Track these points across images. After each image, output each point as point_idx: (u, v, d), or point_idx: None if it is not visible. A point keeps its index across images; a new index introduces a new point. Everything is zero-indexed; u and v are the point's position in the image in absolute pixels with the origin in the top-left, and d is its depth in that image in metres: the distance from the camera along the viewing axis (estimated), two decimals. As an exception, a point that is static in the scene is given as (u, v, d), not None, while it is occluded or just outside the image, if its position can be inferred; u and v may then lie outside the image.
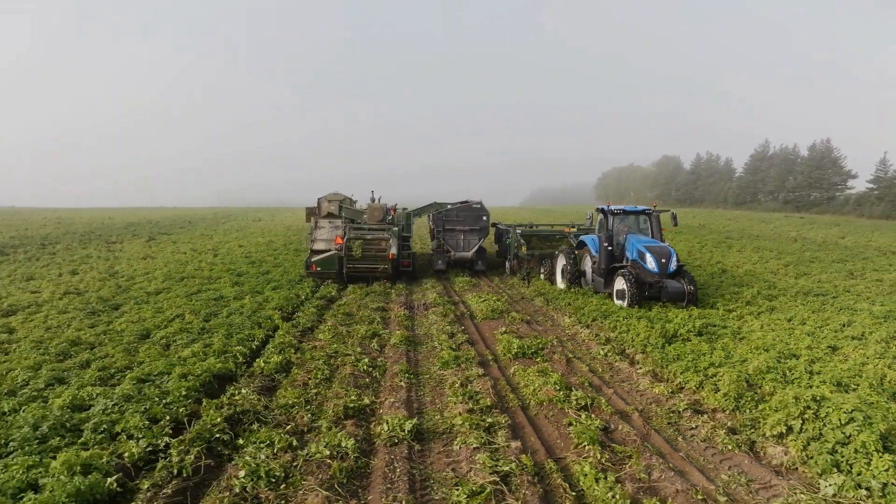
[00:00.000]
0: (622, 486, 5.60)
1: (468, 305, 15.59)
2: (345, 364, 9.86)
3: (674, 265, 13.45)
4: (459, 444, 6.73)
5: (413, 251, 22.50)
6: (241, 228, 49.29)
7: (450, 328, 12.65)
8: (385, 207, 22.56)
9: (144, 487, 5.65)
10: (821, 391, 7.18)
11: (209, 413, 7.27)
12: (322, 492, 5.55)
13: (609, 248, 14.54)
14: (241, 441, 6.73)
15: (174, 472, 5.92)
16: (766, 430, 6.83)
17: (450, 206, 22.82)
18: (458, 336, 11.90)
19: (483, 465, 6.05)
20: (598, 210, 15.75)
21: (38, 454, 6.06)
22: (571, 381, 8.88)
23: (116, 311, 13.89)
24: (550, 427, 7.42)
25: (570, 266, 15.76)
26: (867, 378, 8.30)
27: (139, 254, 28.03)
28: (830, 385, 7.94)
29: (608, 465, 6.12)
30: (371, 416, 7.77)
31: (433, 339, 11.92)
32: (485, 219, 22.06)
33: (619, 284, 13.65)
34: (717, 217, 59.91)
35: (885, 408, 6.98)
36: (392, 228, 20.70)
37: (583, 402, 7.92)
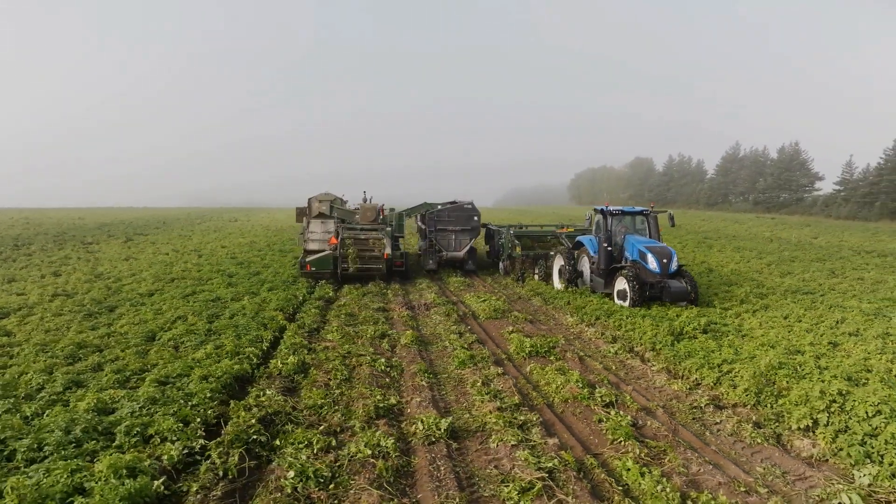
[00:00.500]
0: (669, 480, 5.73)
1: (468, 305, 15.67)
2: (361, 364, 9.85)
3: (675, 265, 13.74)
4: (496, 442, 6.81)
5: (406, 251, 22.54)
6: (219, 229, 48.62)
7: (456, 328, 12.72)
8: (377, 207, 22.63)
9: (193, 489, 5.60)
10: (843, 385, 7.44)
11: (240, 414, 7.22)
12: (373, 490, 5.57)
13: (608, 249, 14.77)
14: (278, 442, 6.69)
15: (220, 475, 5.87)
16: (793, 424, 7.06)
17: (440, 207, 22.94)
18: (467, 336, 11.97)
19: (526, 462, 6.13)
20: (596, 211, 15.97)
21: (76, 458, 5.95)
22: (590, 379, 9.02)
23: (112, 314, 13.61)
24: (581, 424, 7.55)
25: (569, 266, 15.96)
26: (876, 373, 8.61)
27: (119, 255, 27.47)
28: (841, 380, 8.22)
29: (647, 460, 6.27)
30: (400, 416, 7.80)
31: (442, 339, 11.98)
32: (476, 219, 22.24)
33: (621, 284, 13.88)
34: (692, 217, 61.17)
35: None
36: (385, 228, 20.77)
37: (607, 399, 8.07)
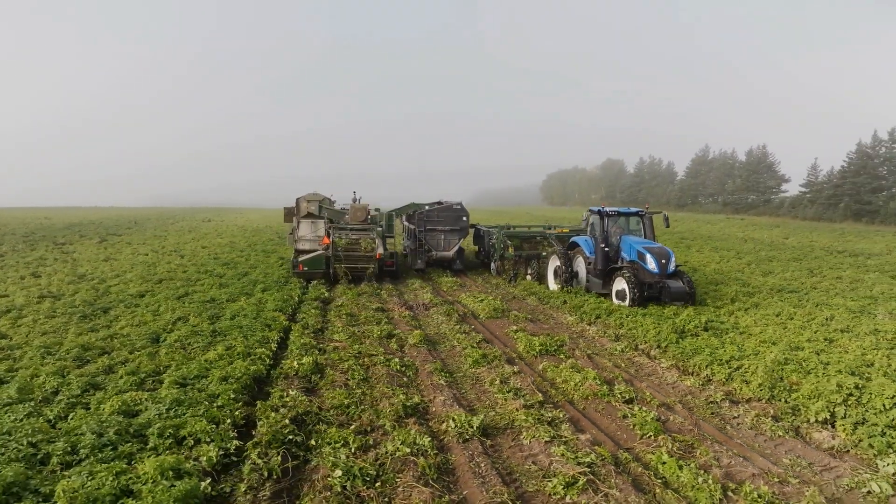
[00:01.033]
0: (707, 472, 5.93)
1: (466, 305, 15.77)
2: (375, 364, 9.88)
3: (673, 266, 14.06)
4: (528, 438, 6.92)
5: (396, 251, 22.58)
6: (193, 229, 47.90)
7: (460, 327, 12.81)
8: (367, 208, 22.66)
9: (241, 490, 5.60)
10: (850, 380, 7.76)
11: (269, 415, 7.18)
12: (423, 488, 5.63)
13: (606, 250, 15.04)
14: (313, 442, 6.70)
15: (265, 475, 5.86)
16: (811, 417, 7.35)
17: (427, 207, 23.11)
18: (473, 335, 12.07)
19: (564, 457, 6.26)
20: (592, 212, 16.23)
21: (113, 460, 5.87)
22: (605, 377, 9.21)
23: (107, 315, 13.34)
24: (605, 420, 7.71)
25: (565, 267, 16.18)
26: (880, 367, 8.98)
27: (97, 255, 26.90)
28: (846, 374, 8.56)
29: (680, 454, 6.46)
30: (425, 415, 7.86)
31: (449, 339, 12.06)
32: (465, 219, 22.46)
33: (620, 285, 14.15)
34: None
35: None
36: (377, 229, 20.80)
37: (627, 396, 8.28)
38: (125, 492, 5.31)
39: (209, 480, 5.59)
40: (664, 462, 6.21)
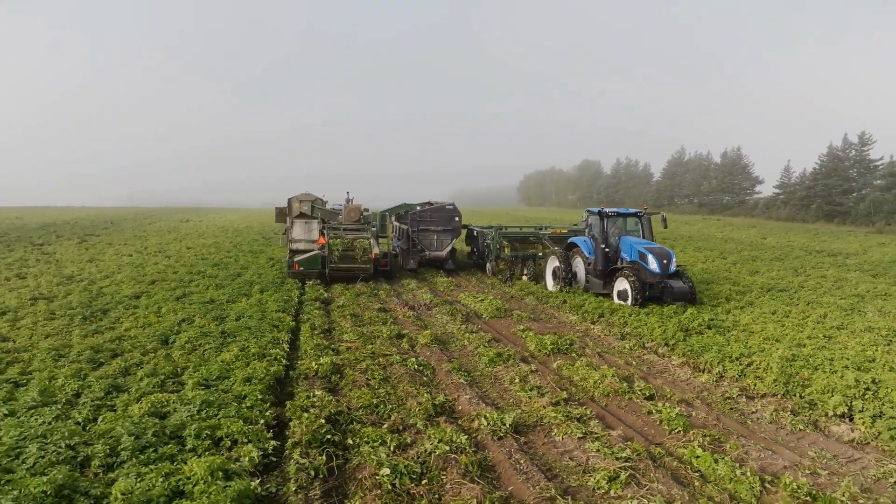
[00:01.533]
0: (743, 465, 6.13)
1: (467, 305, 15.87)
2: (392, 364, 9.93)
3: (674, 266, 14.36)
4: (560, 435, 7.06)
5: (389, 251, 22.63)
6: (173, 229, 47.10)
7: (466, 327, 12.91)
8: (361, 208, 22.70)
9: (291, 489, 5.62)
10: (856, 375, 8.07)
11: (301, 415, 7.21)
12: (470, 484, 5.72)
13: (606, 250, 15.28)
14: (350, 441, 6.74)
15: (311, 474, 5.89)
16: (829, 410, 7.62)
17: (419, 207, 23.22)
18: (481, 335, 12.18)
19: (600, 453, 6.41)
20: (591, 212, 16.46)
21: (155, 462, 5.84)
22: (622, 374, 9.39)
23: (108, 317, 13.14)
24: (631, 416, 7.89)
25: (564, 267, 16.38)
26: (880, 363, 9.34)
27: (80, 256, 26.31)
28: (853, 369, 8.89)
29: (711, 448, 6.66)
30: (453, 413, 7.94)
31: (458, 339, 12.15)
32: (457, 219, 22.62)
33: (622, 285, 14.39)
34: (644, 219, 63.26)
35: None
36: (371, 229, 20.84)
37: (647, 393, 8.47)
38: (176, 493, 5.30)
39: (258, 480, 5.60)
40: (698, 456, 6.40)
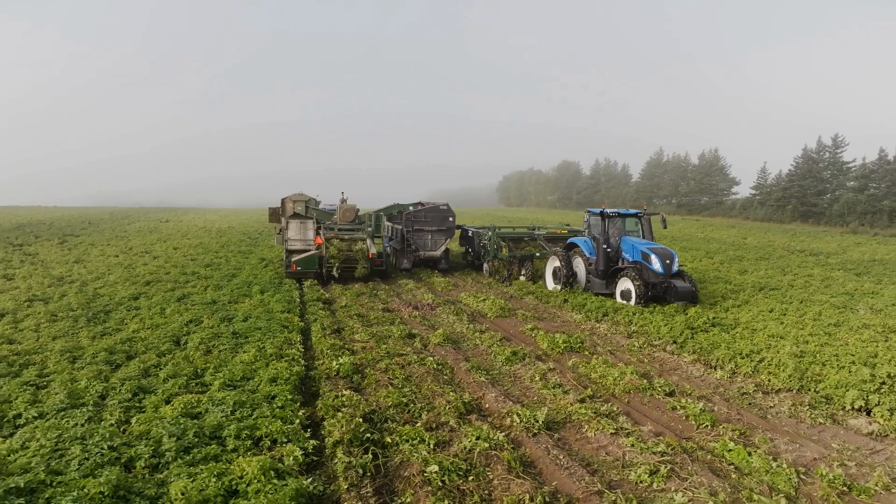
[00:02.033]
0: (779, 458, 6.33)
1: (469, 305, 15.98)
2: (410, 364, 9.99)
3: (676, 266, 14.63)
4: (593, 431, 7.21)
5: (385, 251, 22.66)
6: (154, 230, 46.36)
7: (474, 327, 13.02)
8: (356, 208, 22.74)
9: (343, 487, 5.66)
10: (887, 369, 8.38)
11: (335, 415, 7.24)
12: (518, 479, 5.83)
13: (608, 250, 15.51)
14: (388, 439, 6.79)
15: (360, 472, 5.94)
16: (846, 404, 7.90)
17: (411, 208, 23.34)
18: (491, 334, 12.29)
19: (635, 448, 6.57)
20: (592, 213, 16.68)
21: (199, 463, 5.84)
22: (639, 371, 9.57)
23: (110, 318, 12.97)
24: (656, 412, 8.08)
25: (565, 267, 16.57)
26: (883, 358, 9.67)
27: (64, 257, 25.81)
28: (859, 364, 9.21)
29: (741, 441, 6.86)
30: (480, 411, 8.04)
31: (468, 338, 12.26)
32: (451, 220, 22.79)
33: (626, 285, 14.63)
34: (625, 220, 64.07)
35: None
36: (367, 229, 20.90)
37: (667, 389, 8.67)
38: (230, 492, 5.31)
39: (310, 479, 5.64)
40: (730, 449, 6.59)
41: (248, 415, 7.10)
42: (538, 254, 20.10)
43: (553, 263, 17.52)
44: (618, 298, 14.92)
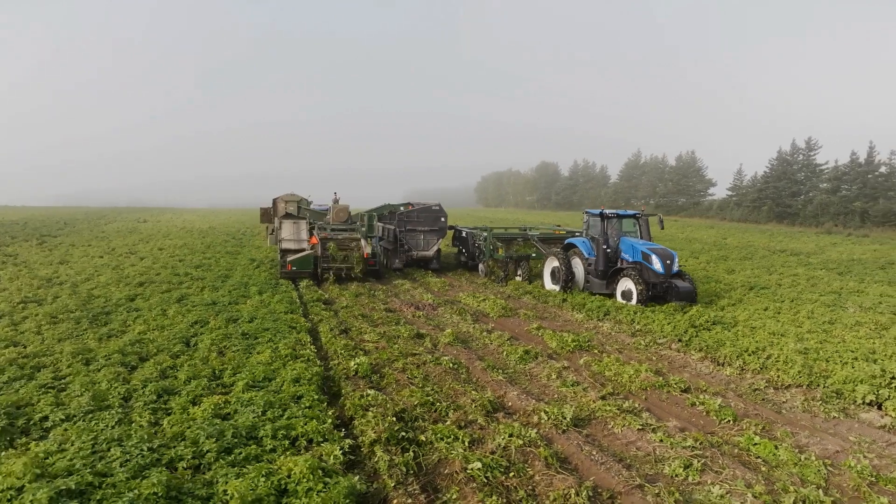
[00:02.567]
0: (807, 451, 6.56)
1: (470, 305, 16.08)
2: (425, 363, 10.07)
3: (676, 266, 14.92)
4: (619, 427, 7.37)
5: (378, 251, 22.68)
6: (133, 230, 45.58)
7: (480, 327, 13.14)
8: (349, 209, 22.73)
9: (391, 486, 5.72)
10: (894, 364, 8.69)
11: (365, 414, 7.29)
12: (559, 474, 5.95)
13: (608, 251, 15.75)
14: (423, 437, 6.86)
15: (403, 471, 6.00)
16: (858, 399, 8.19)
17: (402, 209, 23.41)
18: (499, 333, 12.42)
19: (665, 443, 6.75)
20: (591, 214, 16.90)
21: (241, 463, 5.84)
22: (653, 369, 9.78)
23: (112, 320, 12.78)
24: (676, 408, 8.27)
25: (565, 268, 16.76)
26: (882, 353, 10.03)
27: (46, 258, 25.27)
28: (862, 360, 9.54)
29: (764, 435, 7.08)
30: (505, 409, 8.15)
31: (477, 338, 12.36)
32: (443, 220, 22.95)
33: (626, 285, 14.87)
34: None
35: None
36: (361, 229, 20.89)
37: (683, 386, 8.88)
38: (280, 491, 5.34)
39: (357, 477, 5.68)
40: (756, 443, 6.80)
41: (280, 415, 7.11)
42: (534, 254, 20.29)
43: (552, 264, 17.71)
44: (618, 298, 15.15)
